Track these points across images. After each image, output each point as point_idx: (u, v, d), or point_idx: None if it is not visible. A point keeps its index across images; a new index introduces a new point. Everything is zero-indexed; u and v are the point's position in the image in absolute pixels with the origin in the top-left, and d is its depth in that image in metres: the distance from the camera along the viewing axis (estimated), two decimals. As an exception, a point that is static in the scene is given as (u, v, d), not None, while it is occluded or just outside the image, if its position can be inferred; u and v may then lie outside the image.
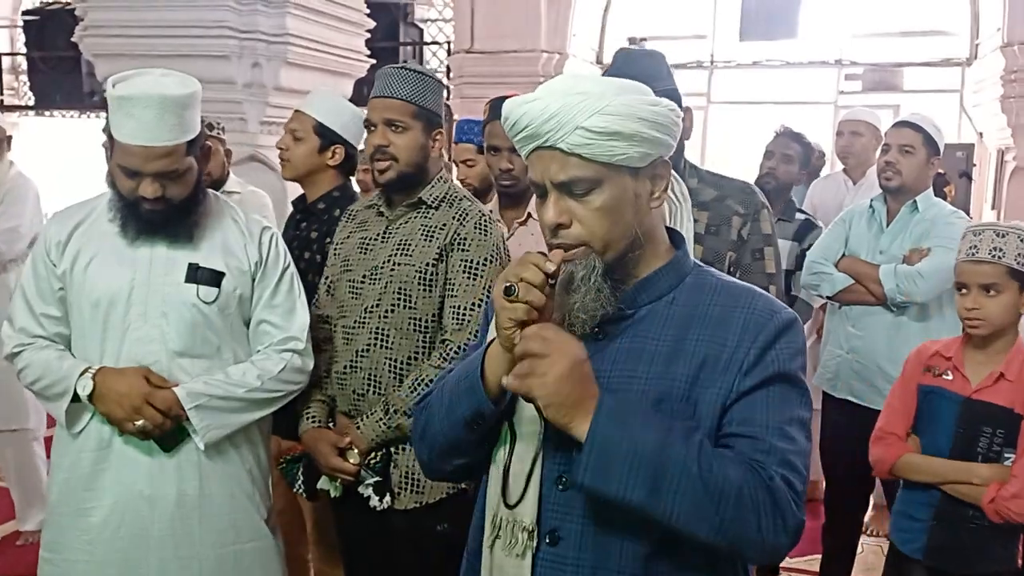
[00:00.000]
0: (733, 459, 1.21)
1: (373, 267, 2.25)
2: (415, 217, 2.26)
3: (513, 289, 1.22)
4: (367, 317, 2.23)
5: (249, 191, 3.77)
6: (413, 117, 2.21)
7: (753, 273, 2.21)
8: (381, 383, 2.22)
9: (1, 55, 9.86)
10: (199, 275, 2.07)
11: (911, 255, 3.06)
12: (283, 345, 2.17)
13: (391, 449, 2.22)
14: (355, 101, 6.46)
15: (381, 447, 2.21)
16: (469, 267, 2.19)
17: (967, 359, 2.23)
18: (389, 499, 2.20)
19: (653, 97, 1.27)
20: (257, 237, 2.18)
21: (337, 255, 2.37)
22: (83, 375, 2.02)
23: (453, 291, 2.19)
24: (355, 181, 5.89)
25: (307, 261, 2.66)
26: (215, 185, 3.56)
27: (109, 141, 2.01)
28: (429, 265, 2.19)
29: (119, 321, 2.05)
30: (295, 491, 2.40)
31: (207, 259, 2.09)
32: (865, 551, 3.81)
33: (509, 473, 1.33)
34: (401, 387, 2.19)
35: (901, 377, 2.37)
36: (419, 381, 2.16)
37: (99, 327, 2.06)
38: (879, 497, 3.66)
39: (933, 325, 3.07)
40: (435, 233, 2.21)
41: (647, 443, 1.18)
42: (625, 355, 1.30)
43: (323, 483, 2.30)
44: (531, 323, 1.23)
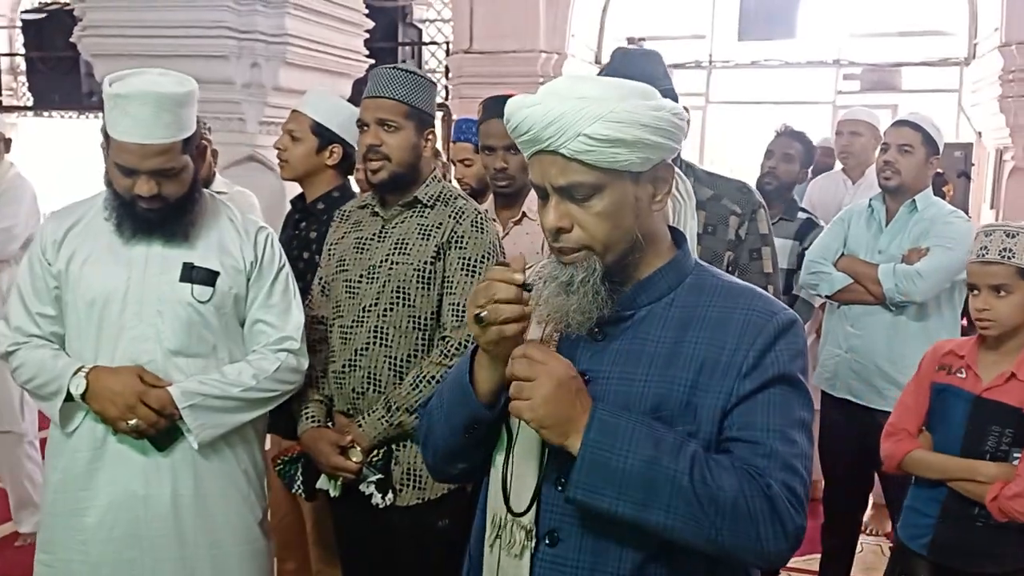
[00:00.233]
0: (729, 468, 1.21)
1: (370, 266, 2.25)
2: (411, 216, 2.26)
3: (481, 318, 1.23)
4: (365, 316, 2.23)
5: (237, 191, 3.76)
6: (405, 117, 2.22)
7: (751, 273, 2.21)
8: (380, 381, 2.22)
9: (0, 55, 9.88)
10: (194, 274, 2.07)
11: (910, 254, 3.06)
12: (278, 345, 2.17)
13: (392, 446, 2.23)
14: (354, 101, 6.47)
15: (382, 444, 2.21)
16: (467, 265, 2.20)
17: (980, 358, 2.24)
18: (391, 496, 2.20)
19: (656, 101, 1.26)
20: (253, 236, 2.17)
21: (332, 255, 2.37)
22: (76, 374, 2.01)
23: (451, 289, 2.20)
24: (355, 181, 5.90)
25: (306, 261, 2.65)
26: (203, 185, 3.56)
27: (105, 139, 2.00)
28: (427, 263, 2.20)
29: (114, 320, 2.04)
30: (293, 492, 2.40)
31: (202, 258, 2.09)
32: (864, 550, 3.82)
33: (510, 475, 1.33)
34: (402, 384, 2.19)
35: (916, 374, 2.38)
36: (420, 378, 2.17)
37: (94, 326, 2.05)
38: (878, 496, 3.66)
39: (932, 325, 3.07)
40: (432, 232, 2.22)
41: (637, 460, 1.18)
42: (625, 356, 1.30)
43: (322, 483, 2.29)
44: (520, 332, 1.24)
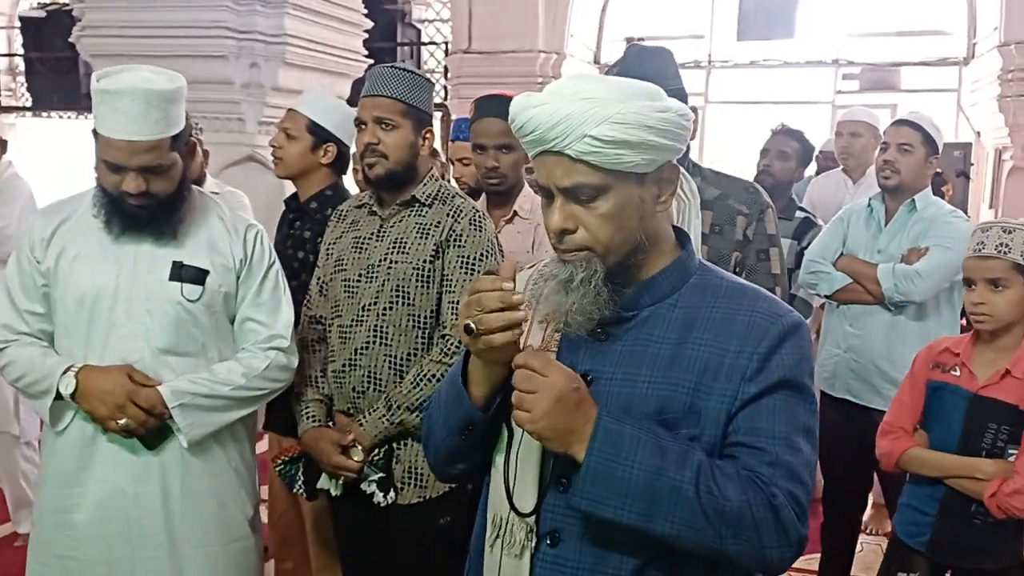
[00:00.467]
0: (734, 477, 1.21)
1: (368, 265, 2.25)
2: (409, 215, 2.27)
3: (471, 329, 1.23)
4: (364, 315, 2.23)
5: (227, 192, 3.76)
6: (402, 115, 2.22)
7: (758, 273, 2.20)
8: (380, 380, 2.22)
9: (-2, 56, 9.88)
10: (183, 273, 2.06)
11: (909, 254, 3.05)
12: (268, 343, 2.16)
13: (393, 445, 2.23)
14: (353, 101, 6.47)
15: (383, 443, 2.21)
16: (466, 263, 2.20)
17: (976, 356, 2.25)
18: (393, 495, 2.20)
19: (662, 102, 1.25)
20: (242, 234, 2.16)
21: (329, 255, 2.37)
22: (66, 373, 2.00)
23: (451, 287, 2.20)
24: (355, 182, 5.91)
25: (300, 261, 2.66)
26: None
27: (94, 136, 1.99)
28: (426, 262, 2.20)
29: (104, 318, 2.03)
30: (294, 491, 2.40)
31: (192, 257, 2.08)
32: (864, 550, 3.82)
33: (512, 475, 1.33)
34: (402, 383, 2.19)
35: (911, 373, 2.39)
36: (421, 376, 2.17)
37: (83, 324, 2.04)
38: (878, 496, 3.66)
39: (931, 324, 3.07)
40: (430, 230, 2.23)
41: (642, 470, 1.18)
42: (627, 357, 1.29)
43: (323, 482, 2.29)
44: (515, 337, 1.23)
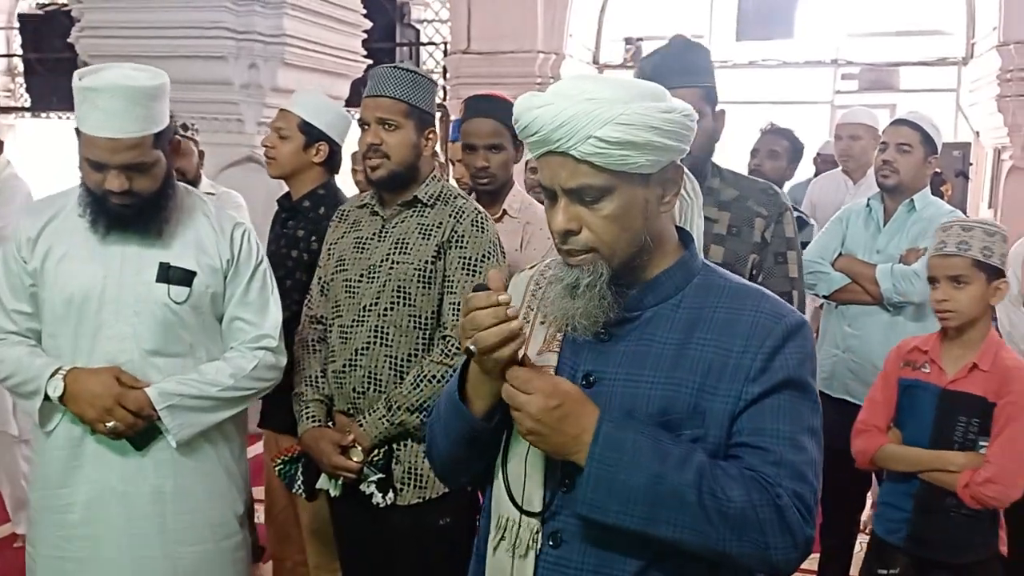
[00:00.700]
0: (738, 477, 1.20)
1: (370, 266, 2.25)
2: (411, 216, 2.26)
3: (471, 351, 1.23)
4: (365, 315, 2.23)
5: (223, 192, 3.77)
6: (405, 116, 2.22)
7: (775, 277, 2.17)
8: (381, 381, 2.22)
9: (-3, 57, 9.87)
10: (170, 274, 2.05)
11: (908, 254, 3.06)
12: (256, 343, 2.15)
13: (393, 445, 2.22)
14: (351, 102, 6.47)
15: (383, 444, 2.21)
16: (467, 264, 2.20)
17: (944, 352, 2.31)
18: (392, 496, 2.20)
19: (666, 103, 1.25)
20: (229, 233, 2.15)
21: (331, 255, 2.37)
22: (54, 376, 2.00)
23: (452, 288, 2.20)
24: (354, 182, 5.90)
25: (295, 259, 2.67)
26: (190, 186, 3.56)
27: (77, 134, 1.98)
28: (427, 263, 2.20)
29: (92, 318, 2.03)
30: (293, 492, 2.39)
31: (178, 257, 2.07)
32: (863, 549, 3.81)
33: (510, 477, 1.33)
34: (402, 384, 2.19)
35: (883, 372, 2.44)
36: (421, 377, 2.17)
37: (71, 325, 2.04)
38: (876, 496, 3.66)
39: (929, 325, 3.05)
40: (432, 231, 2.22)
41: (642, 476, 1.18)
42: (631, 358, 1.29)
43: (323, 482, 2.29)
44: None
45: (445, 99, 8.38)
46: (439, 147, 2.58)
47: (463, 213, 2.24)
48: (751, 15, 9.40)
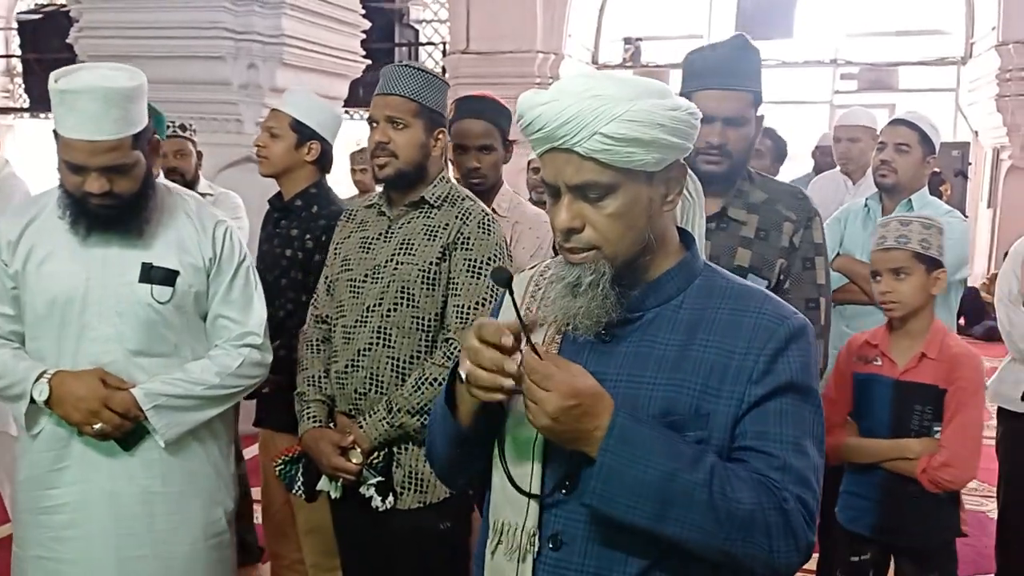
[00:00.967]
0: (747, 480, 1.20)
1: (374, 266, 2.23)
2: (417, 217, 2.24)
3: (462, 378, 1.23)
4: (368, 316, 2.21)
5: (221, 192, 3.77)
6: (414, 115, 2.20)
7: (803, 283, 2.14)
8: (383, 382, 2.20)
9: (-4, 57, 9.88)
10: (153, 274, 2.03)
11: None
12: (240, 340, 2.14)
13: (394, 449, 2.20)
14: (350, 102, 6.47)
15: (384, 446, 2.19)
16: (472, 266, 2.16)
17: (893, 344, 2.38)
18: (392, 499, 2.18)
19: (672, 101, 1.24)
20: (211, 232, 2.13)
21: (337, 254, 2.35)
22: (39, 379, 1.98)
23: (456, 290, 2.17)
24: (353, 182, 5.87)
25: (289, 259, 2.67)
26: (188, 186, 3.56)
27: (55, 137, 1.97)
28: (432, 264, 2.18)
29: (75, 320, 2.01)
30: (293, 492, 2.38)
31: (161, 257, 2.05)
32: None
33: (510, 463, 1.32)
34: (404, 386, 2.17)
35: (835, 369, 2.49)
36: (422, 380, 2.15)
37: (54, 327, 2.02)
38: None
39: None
40: (438, 232, 2.19)
41: (655, 471, 1.17)
42: (632, 359, 1.28)
43: (323, 484, 2.28)
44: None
45: (444, 99, 8.39)
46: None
47: (469, 215, 2.21)
48: (750, 15, 9.40)
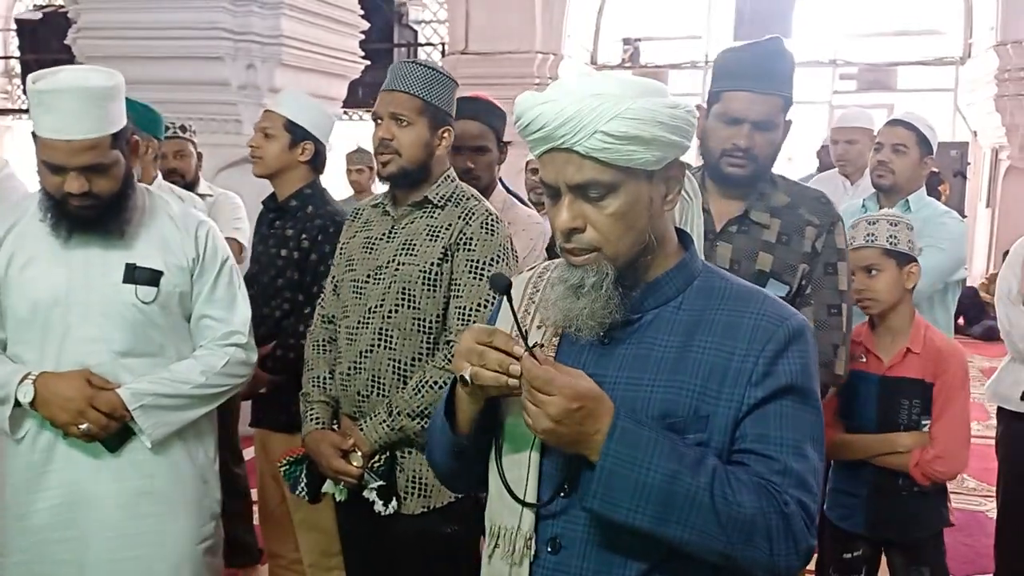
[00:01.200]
0: (748, 483, 1.19)
1: (377, 267, 2.20)
2: (420, 217, 2.21)
3: (466, 380, 1.23)
4: (370, 317, 2.19)
5: (221, 193, 3.77)
6: (418, 112, 2.16)
7: (825, 288, 2.11)
8: (384, 384, 2.17)
9: (-5, 58, 9.88)
10: (137, 275, 2.03)
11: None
12: (225, 340, 2.13)
13: (396, 453, 2.17)
14: (349, 103, 6.46)
15: (386, 450, 2.16)
16: (474, 267, 2.12)
17: (877, 341, 2.41)
18: (395, 504, 2.15)
19: (671, 99, 1.24)
20: (193, 232, 2.13)
21: (342, 254, 2.33)
22: (24, 381, 1.97)
23: (459, 292, 2.13)
24: (348, 183, 5.87)
25: (284, 259, 2.67)
26: (188, 187, 3.57)
27: (33, 138, 1.96)
28: (433, 265, 2.14)
29: (59, 323, 2.00)
30: (296, 494, 2.36)
31: (144, 258, 2.05)
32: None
33: (507, 471, 1.32)
34: (405, 389, 2.15)
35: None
36: (423, 383, 2.12)
37: (37, 330, 2.02)
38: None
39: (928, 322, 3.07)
40: (440, 233, 2.15)
41: (657, 474, 1.16)
42: (631, 361, 1.27)
43: (328, 486, 2.26)
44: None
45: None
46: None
47: (472, 215, 2.17)
48: (748, 15, 9.41)
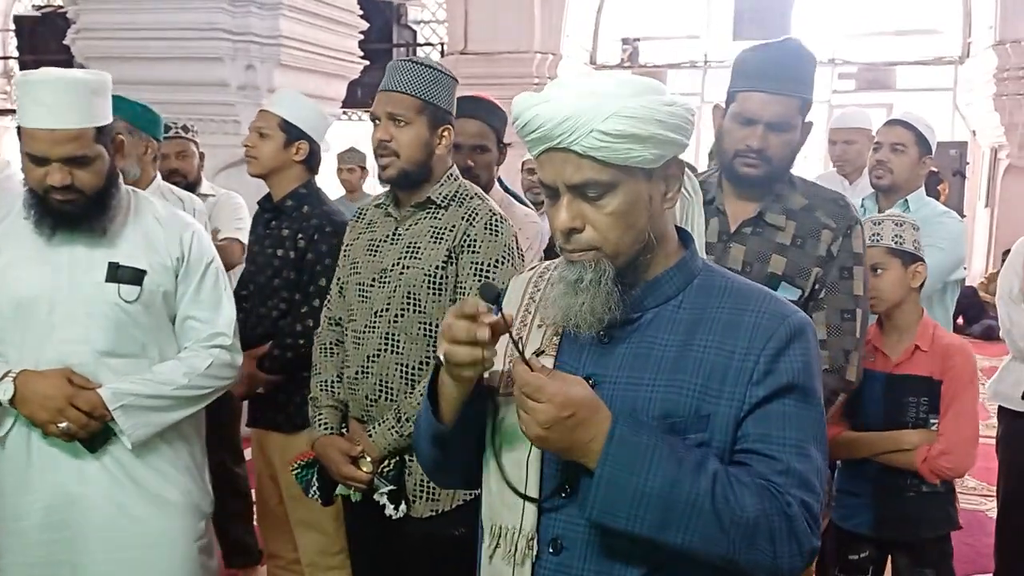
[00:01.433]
0: (750, 485, 1.18)
1: (381, 270, 2.17)
2: (424, 218, 2.17)
3: (441, 361, 1.23)
4: (376, 321, 2.16)
5: (223, 194, 3.76)
6: (417, 112, 2.10)
7: (839, 293, 2.09)
8: (392, 389, 2.13)
9: (-6, 59, 9.88)
10: (120, 274, 2.02)
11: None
12: (210, 341, 2.12)
13: (405, 457, 2.15)
14: (348, 103, 6.46)
15: (395, 455, 2.14)
16: (479, 269, 2.08)
17: (884, 339, 2.41)
18: (404, 507, 2.14)
19: (668, 97, 1.23)
20: (178, 233, 2.12)
21: (346, 256, 2.30)
22: (3, 379, 1.96)
23: (464, 295, 2.08)
24: (340, 182, 5.86)
25: (281, 259, 2.66)
26: (190, 188, 3.57)
27: (18, 133, 1.95)
28: (438, 268, 2.09)
29: (42, 322, 1.99)
30: (309, 496, 2.35)
31: (128, 257, 2.03)
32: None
33: (506, 466, 1.32)
34: (413, 394, 2.12)
35: None
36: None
37: (20, 329, 2.01)
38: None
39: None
40: (444, 234, 2.11)
41: (656, 481, 1.15)
42: (631, 360, 1.26)
43: (341, 489, 2.23)
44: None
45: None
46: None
47: (476, 215, 2.13)
48: (747, 14, 9.42)
